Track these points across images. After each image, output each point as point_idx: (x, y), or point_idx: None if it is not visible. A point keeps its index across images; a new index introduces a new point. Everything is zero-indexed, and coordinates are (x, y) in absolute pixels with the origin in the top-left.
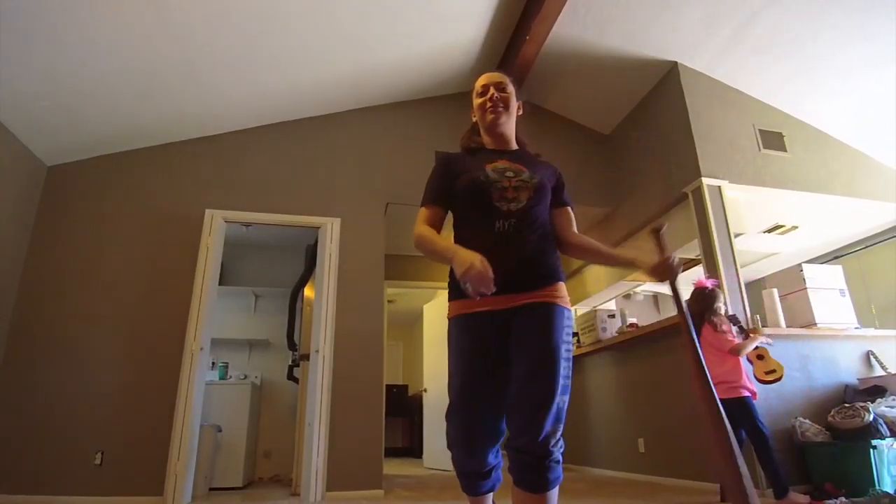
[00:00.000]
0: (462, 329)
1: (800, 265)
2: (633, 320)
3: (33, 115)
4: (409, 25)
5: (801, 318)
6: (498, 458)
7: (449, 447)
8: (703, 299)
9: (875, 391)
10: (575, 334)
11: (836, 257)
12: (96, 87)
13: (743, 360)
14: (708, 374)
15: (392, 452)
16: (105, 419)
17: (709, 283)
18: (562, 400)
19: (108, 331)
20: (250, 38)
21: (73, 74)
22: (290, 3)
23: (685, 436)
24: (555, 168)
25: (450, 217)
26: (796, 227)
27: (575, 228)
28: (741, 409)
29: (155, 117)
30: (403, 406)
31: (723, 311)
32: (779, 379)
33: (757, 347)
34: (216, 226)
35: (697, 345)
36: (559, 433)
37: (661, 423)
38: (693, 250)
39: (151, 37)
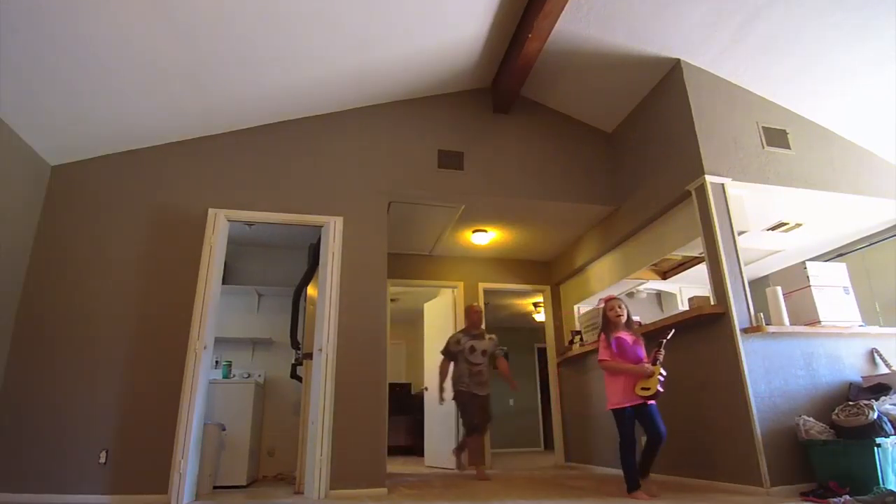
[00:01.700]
0: None
1: (804, 263)
2: (637, 318)
3: (37, 115)
4: (411, 23)
5: (805, 315)
6: None
7: None
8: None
9: (879, 389)
10: (578, 332)
11: (841, 255)
12: (99, 87)
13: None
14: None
15: (395, 451)
16: (110, 418)
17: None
18: None
19: (111, 330)
20: (252, 37)
21: (76, 74)
22: (293, 3)
23: (689, 434)
24: None
25: None
26: (800, 225)
27: None
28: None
29: (158, 117)
30: (406, 404)
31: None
32: (646, 395)
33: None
34: (219, 225)
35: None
36: None
37: (666, 422)
38: (696, 248)
39: (154, 36)
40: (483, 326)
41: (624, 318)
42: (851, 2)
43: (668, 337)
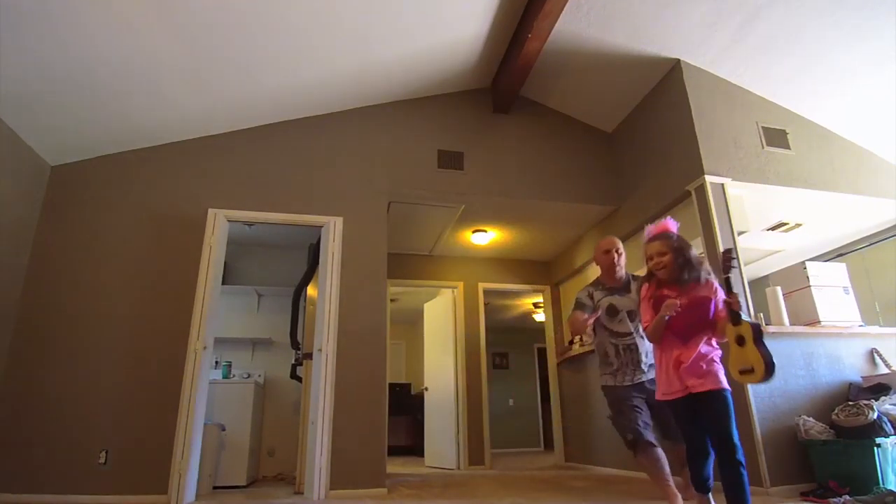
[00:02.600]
0: None
1: (803, 263)
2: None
3: (37, 115)
4: (411, 23)
5: (805, 315)
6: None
7: None
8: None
9: (879, 389)
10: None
11: (840, 255)
12: (99, 87)
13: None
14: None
15: (395, 451)
16: (109, 418)
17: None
18: None
19: (111, 330)
20: (252, 36)
21: (76, 75)
22: (293, 2)
23: None
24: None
25: None
26: (800, 225)
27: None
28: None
29: (158, 116)
30: (406, 405)
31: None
32: (757, 378)
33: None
34: (219, 225)
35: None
36: None
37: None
38: (696, 248)
39: (154, 36)
40: (623, 273)
41: (650, 269)
42: (851, 2)
43: (732, 257)
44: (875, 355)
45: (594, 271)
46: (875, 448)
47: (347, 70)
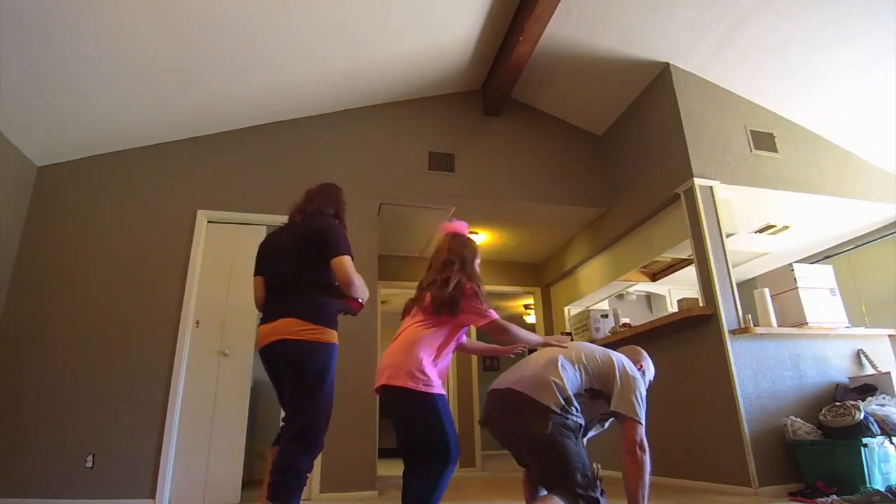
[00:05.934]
0: None
1: (791, 265)
2: (626, 320)
3: (23, 116)
4: (402, 24)
5: (793, 317)
6: None
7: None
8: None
9: (865, 389)
10: (568, 334)
11: (827, 257)
12: (87, 87)
13: None
14: None
15: (385, 453)
16: (96, 422)
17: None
18: None
19: (98, 332)
20: (242, 36)
21: (64, 74)
22: (284, 3)
23: (678, 435)
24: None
25: None
26: (787, 227)
27: None
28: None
29: (146, 117)
30: None
31: None
32: None
33: None
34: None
35: None
36: None
37: (654, 423)
38: (685, 250)
39: (142, 36)
40: None
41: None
42: (837, 6)
43: None
44: (861, 356)
45: (584, 273)
46: (862, 448)
47: (338, 71)
